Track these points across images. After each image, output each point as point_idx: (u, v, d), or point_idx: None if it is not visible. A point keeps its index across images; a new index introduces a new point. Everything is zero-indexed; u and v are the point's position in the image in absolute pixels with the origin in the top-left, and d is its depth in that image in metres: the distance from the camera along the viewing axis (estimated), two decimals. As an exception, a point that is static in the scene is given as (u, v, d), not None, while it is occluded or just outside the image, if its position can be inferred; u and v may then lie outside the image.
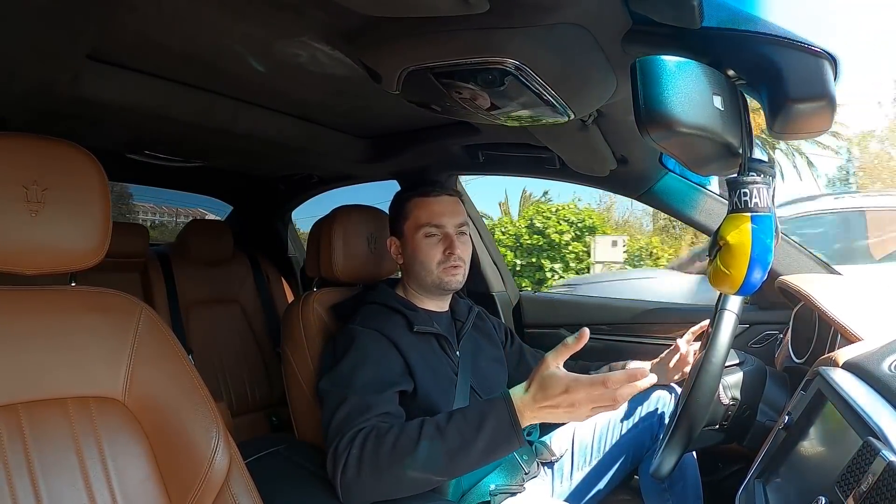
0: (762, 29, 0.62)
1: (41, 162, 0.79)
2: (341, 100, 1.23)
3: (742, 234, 0.65)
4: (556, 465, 1.29)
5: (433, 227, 1.22)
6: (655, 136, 0.62)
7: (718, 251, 0.68)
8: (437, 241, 1.22)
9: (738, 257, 0.66)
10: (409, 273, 1.27)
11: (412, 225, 1.23)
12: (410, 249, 1.23)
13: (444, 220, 1.22)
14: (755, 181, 0.65)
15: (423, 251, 1.21)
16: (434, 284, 1.23)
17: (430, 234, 1.22)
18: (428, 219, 1.22)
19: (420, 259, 1.22)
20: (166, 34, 0.91)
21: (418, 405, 1.10)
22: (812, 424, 0.80)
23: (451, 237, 1.22)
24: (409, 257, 1.24)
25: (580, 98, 0.90)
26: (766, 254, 0.66)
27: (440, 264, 1.21)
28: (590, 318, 1.77)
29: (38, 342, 0.79)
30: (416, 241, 1.22)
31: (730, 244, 0.66)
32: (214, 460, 0.83)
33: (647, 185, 1.47)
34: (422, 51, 0.79)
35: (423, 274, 1.23)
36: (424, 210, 1.23)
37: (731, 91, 0.65)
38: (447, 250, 1.21)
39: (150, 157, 1.67)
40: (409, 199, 1.25)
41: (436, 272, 1.21)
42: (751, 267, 0.66)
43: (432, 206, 1.23)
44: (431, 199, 1.24)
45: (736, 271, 0.67)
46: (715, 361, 0.97)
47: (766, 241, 0.65)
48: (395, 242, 1.28)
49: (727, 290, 0.69)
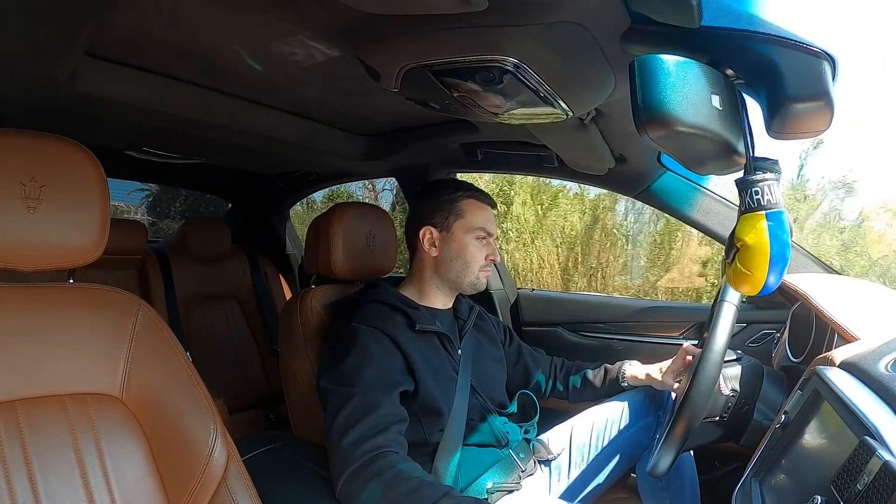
0: (761, 28, 0.62)
1: (39, 158, 0.79)
2: (340, 97, 1.23)
3: (759, 234, 0.64)
4: (554, 462, 1.29)
5: (484, 231, 1.26)
6: (654, 135, 0.62)
7: (737, 253, 0.67)
8: (483, 246, 1.26)
9: (759, 257, 0.65)
10: (439, 267, 1.26)
11: (466, 224, 1.25)
12: (456, 247, 1.24)
13: (492, 229, 1.28)
14: (764, 178, 0.65)
15: (471, 252, 1.24)
16: (469, 284, 1.26)
17: (481, 237, 1.25)
18: (483, 223, 1.25)
19: (465, 259, 1.24)
20: (165, 31, 0.91)
21: (419, 404, 1.11)
22: (808, 423, 0.80)
23: (493, 245, 1.28)
24: (452, 253, 1.25)
25: (579, 96, 0.90)
26: (785, 249, 0.65)
27: (482, 268, 1.26)
28: (587, 316, 1.77)
29: (35, 339, 0.79)
30: (465, 241, 1.24)
31: (748, 245, 0.65)
32: (212, 457, 0.83)
33: (645, 183, 1.48)
34: (421, 48, 0.79)
35: (464, 273, 1.25)
36: (481, 214, 1.26)
37: (729, 90, 0.65)
38: (489, 255, 1.26)
39: (148, 153, 1.67)
40: (464, 198, 1.26)
41: (476, 273, 1.25)
42: (771, 265, 0.65)
43: (487, 212, 1.28)
44: (486, 206, 1.28)
45: (758, 271, 0.65)
46: (716, 350, 0.97)
47: (783, 237, 0.64)
48: (430, 233, 1.26)
49: (749, 291, 0.68)
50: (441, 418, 1.13)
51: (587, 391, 1.40)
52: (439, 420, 1.13)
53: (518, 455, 1.21)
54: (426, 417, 1.12)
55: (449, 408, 1.15)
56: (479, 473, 1.15)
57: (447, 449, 1.12)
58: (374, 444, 0.98)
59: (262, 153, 1.77)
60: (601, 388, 1.37)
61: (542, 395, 1.42)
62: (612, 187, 1.59)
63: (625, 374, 1.35)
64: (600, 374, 1.39)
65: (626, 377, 1.35)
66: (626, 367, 1.36)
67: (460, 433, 1.15)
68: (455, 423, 1.15)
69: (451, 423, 1.14)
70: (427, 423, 1.12)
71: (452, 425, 1.14)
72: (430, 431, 1.13)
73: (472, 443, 1.18)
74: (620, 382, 1.35)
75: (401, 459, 0.98)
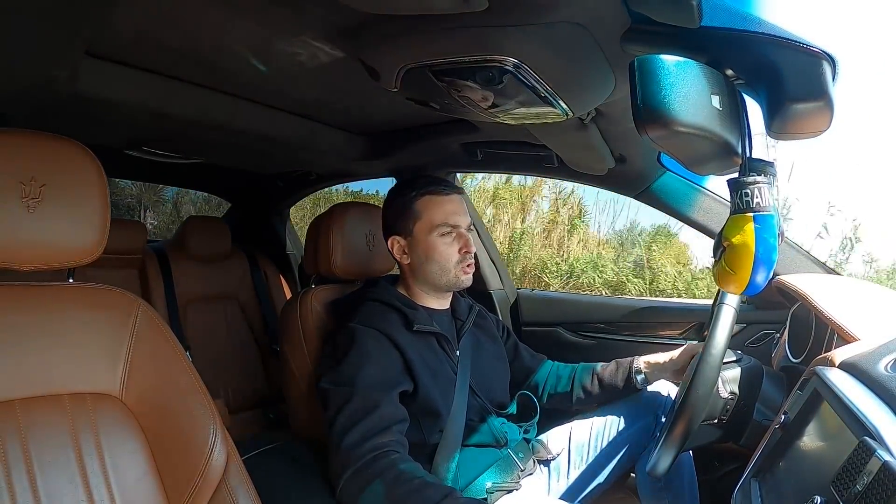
0: (761, 29, 0.62)
1: (39, 158, 0.79)
2: (340, 97, 1.23)
3: (746, 235, 0.65)
4: (553, 463, 1.29)
5: (448, 226, 1.20)
6: (653, 136, 0.62)
7: (723, 252, 0.68)
8: (452, 241, 1.20)
9: (743, 258, 0.66)
10: (416, 273, 1.24)
11: (425, 225, 1.20)
12: (423, 250, 1.20)
13: (458, 220, 1.21)
14: (756, 181, 0.65)
15: (440, 252, 1.19)
16: (450, 284, 1.22)
17: (446, 233, 1.20)
18: (443, 218, 1.19)
19: (437, 260, 1.20)
20: (165, 31, 0.91)
21: (418, 405, 1.11)
22: (808, 424, 0.80)
23: (465, 236, 1.21)
24: (421, 258, 1.21)
25: (579, 96, 0.90)
26: (771, 253, 0.66)
27: (458, 264, 1.20)
28: (587, 316, 1.77)
29: (35, 338, 0.79)
30: (430, 242, 1.19)
31: (734, 245, 0.66)
32: (212, 456, 0.83)
33: (645, 183, 1.48)
34: (420, 48, 0.79)
35: (439, 274, 1.21)
36: (438, 209, 1.20)
37: (729, 91, 0.65)
38: (462, 249, 1.20)
39: (148, 153, 1.67)
40: (418, 197, 1.21)
41: (453, 272, 1.20)
42: (756, 267, 0.66)
43: (445, 205, 1.20)
44: (444, 198, 1.21)
45: (741, 272, 0.66)
46: (714, 353, 0.97)
47: (769, 241, 0.65)
48: (398, 242, 1.24)
49: (733, 290, 0.69)
50: (440, 419, 1.13)
51: (595, 392, 1.33)
52: (438, 421, 1.13)
53: (517, 455, 1.21)
54: (425, 418, 1.12)
55: (448, 409, 1.15)
56: (477, 473, 1.15)
57: (446, 450, 1.12)
58: (374, 445, 0.97)
59: (262, 153, 1.77)
60: (611, 384, 1.30)
61: (541, 398, 1.38)
62: (611, 187, 1.59)
63: (639, 366, 1.28)
64: (610, 367, 1.33)
65: (641, 367, 1.28)
66: (638, 360, 1.30)
67: (459, 434, 1.15)
68: (454, 424, 1.14)
69: (450, 424, 1.14)
70: (426, 423, 1.12)
71: (451, 426, 1.14)
72: (429, 432, 1.13)
73: (470, 443, 1.18)
74: (634, 375, 1.28)
75: (402, 460, 0.98)
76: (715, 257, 0.71)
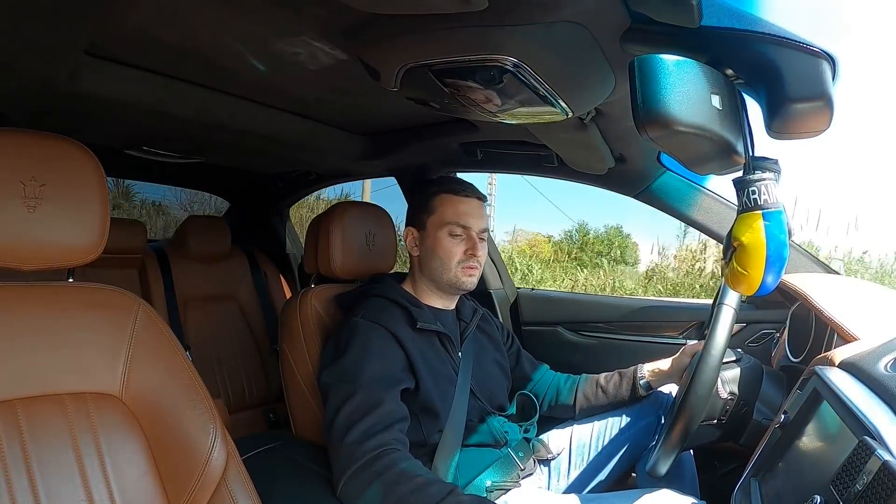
0: (761, 28, 0.62)
1: (39, 157, 0.79)
2: (339, 96, 1.23)
3: (756, 233, 0.65)
4: (553, 463, 1.29)
5: (459, 226, 1.21)
6: (653, 135, 0.62)
7: (733, 253, 0.68)
8: (459, 241, 1.22)
9: (755, 257, 0.65)
10: (422, 267, 1.26)
11: (437, 220, 1.22)
12: (430, 244, 1.23)
13: (470, 222, 1.22)
14: (762, 178, 0.65)
15: (445, 248, 1.21)
16: (449, 283, 1.23)
17: (455, 233, 1.21)
18: (454, 217, 1.21)
19: (440, 255, 1.21)
20: (165, 30, 0.91)
21: (419, 403, 1.11)
22: (808, 423, 0.80)
23: (474, 239, 1.22)
24: (428, 251, 1.23)
25: (579, 96, 0.89)
26: (782, 249, 0.65)
27: (459, 263, 1.21)
28: (587, 315, 1.77)
29: (35, 338, 0.79)
30: (438, 238, 1.22)
31: (744, 244, 0.65)
32: (212, 456, 0.83)
33: (645, 183, 1.48)
34: (420, 48, 0.79)
35: (441, 271, 1.22)
36: (452, 208, 1.22)
37: (729, 90, 0.65)
38: (468, 251, 1.21)
39: (148, 153, 1.67)
40: (438, 193, 1.24)
41: (454, 270, 1.21)
42: (768, 265, 0.65)
43: (460, 205, 1.22)
44: (461, 199, 1.23)
45: (754, 271, 0.66)
46: (714, 354, 0.97)
47: (780, 237, 0.64)
48: (413, 233, 1.27)
49: (745, 290, 0.68)
50: (439, 419, 1.13)
51: (600, 403, 1.31)
52: (438, 421, 1.13)
53: (517, 454, 1.21)
54: (425, 417, 1.12)
55: (448, 409, 1.15)
56: (477, 473, 1.15)
57: (446, 449, 1.12)
58: (376, 443, 0.97)
59: (262, 153, 1.77)
60: (616, 395, 1.29)
61: (540, 406, 1.36)
62: (611, 187, 1.59)
63: (643, 375, 1.28)
64: (614, 378, 1.32)
65: (646, 375, 1.28)
66: (642, 368, 1.29)
67: (459, 434, 1.15)
68: (454, 424, 1.14)
69: (450, 424, 1.14)
70: (426, 423, 1.12)
71: (451, 426, 1.14)
72: (429, 432, 1.12)
73: (470, 443, 1.18)
74: (638, 380, 1.28)
75: (403, 458, 0.97)
76: (725, 259, 0.70)
